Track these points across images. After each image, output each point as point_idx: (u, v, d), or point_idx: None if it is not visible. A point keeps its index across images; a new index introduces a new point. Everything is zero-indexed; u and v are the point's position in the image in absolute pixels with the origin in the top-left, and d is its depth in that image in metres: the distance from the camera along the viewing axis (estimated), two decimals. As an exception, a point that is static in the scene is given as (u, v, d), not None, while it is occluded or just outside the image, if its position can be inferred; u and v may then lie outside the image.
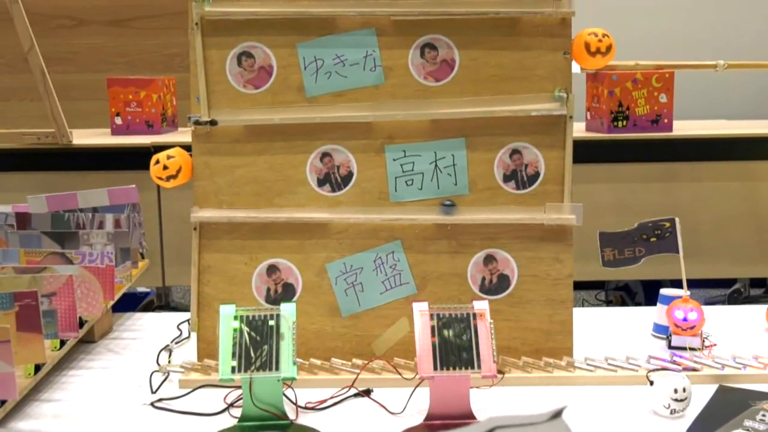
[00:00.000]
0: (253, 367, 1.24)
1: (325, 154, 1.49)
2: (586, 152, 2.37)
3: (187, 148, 1.52)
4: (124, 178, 2.52)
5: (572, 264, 1.50)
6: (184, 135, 2.71)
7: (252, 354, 1.25)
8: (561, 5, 1.46)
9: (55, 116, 2.44)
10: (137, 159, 2.52)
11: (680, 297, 1.60)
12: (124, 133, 2.73)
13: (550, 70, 1.48)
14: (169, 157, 1.49)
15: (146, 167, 2.49)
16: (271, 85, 1.48)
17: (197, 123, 1.48)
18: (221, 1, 1.47)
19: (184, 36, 1.47)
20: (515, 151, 1.49)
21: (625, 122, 2.54)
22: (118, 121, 2.73)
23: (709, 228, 2.56)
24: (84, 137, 2.67)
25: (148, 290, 3.17)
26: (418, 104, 1.48)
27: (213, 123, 1.47)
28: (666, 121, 2.56)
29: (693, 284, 2.79)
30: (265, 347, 1.25)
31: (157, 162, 1.49)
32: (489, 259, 1.50)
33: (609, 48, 1.48)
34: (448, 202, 1.46)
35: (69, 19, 3.55)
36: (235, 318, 1.28)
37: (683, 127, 2.66)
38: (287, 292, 1.50)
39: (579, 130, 2.66)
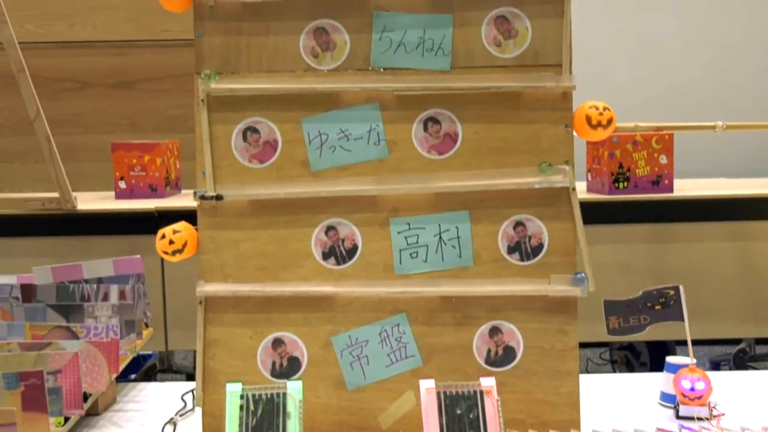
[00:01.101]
0: (259, 447, 1.23)
1: (330, 228, 1.50)
2: (587, 213, 2.38)
3: (190, 213, 1.52)
4: (128, 243, 2.53)
5: (577, 335, 1.50)
6: (187, 198, 2.72)
7: (258, 433, 1.24)
8: (562, 80, 1.48)
9: (59, 182, 2.46)
10: (141, 224, 2.54)
11: (687, 366, 1.60)
12: (128, 197, 2.75)
13: (552, 142, 1.50)
14: (174, 232, 1.50)
15: (150, 231, 2.49)
16: (276, 159, 1.50)
17: (203, 198, 1.49)
18: (227, 77, 1.49)
19: (187, 98, 1.50)
20: (519, 223, 1.50)
21: (626, 183, 2.55)
22: (122, 185, 2.75)
23: (713, 288, 2.57)
24: (88, 201, 2.68)
25: (151, 353, 3.16)
26: (422, 178, 1.49)
27: (219, 198, 1.49)
28: (666, 182, 2.58)
29: (698, 341, 2.77)
30: (272, 426, 1.25)
31: (163, 236, 1.50)
32: (494, 331, 1.50)
33: (610, 121, 1.50)
34: (580, 275, 1.47)
35: (73, 82, 3.59)
36: (242, 396, 1.28)
37: (684, 187, 2.67)
38: (293, 366, 1.50)
39: (580, 191, 2.66)
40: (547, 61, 1.49)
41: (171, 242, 1.49)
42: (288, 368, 1.50)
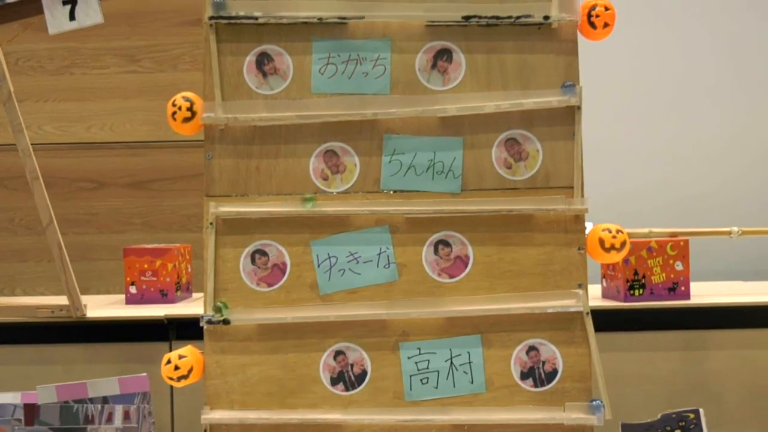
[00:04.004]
0: None
1: (338, 353, 1.47)
2: (603, 321, 2.33)
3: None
4: (137, 350, 2.50)
5: (595, 465, 1.45)
6: (198, 303, 2.70)
7: None
8: (573, 203, 1.47)
9: (70, 290, 2.44)
10: (151, 331, 2.51)
11: (709, 495, 1.54)
12: (139, 302, 2.72)
13: (564, 265, 1.47)
14: (180, 357, 1.47)
15: (160, 339, 2.46)
16: (284, 282, 1.48)
17: (210, 322, 1.47)
18: (236, 201, 1.49)
19: (200, 197, 1.50)
20: (532, 348, 1.47)
21: (641, 290, 2.51)
22: (133, 290, 2.72)
23: (736, 398, 2.49)
24: (98, 307, 2.66)
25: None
26: (433, 301, 1.47)
27: (226, 322, 1.47)
28: (683, 288, 2.54)
29: (722, 452, 2.64)
30: None
31: (169, 362, 1.48)
32: (508, 461, 1.45)
33: (623, 244, 1.48)
34: (596, 402, 1.45)
35: (89, 182, 3.62)
36: None
37: (700, 292, 2.62)
38: (299, 497, 1.45)
39: (595, 296, 2.63)
40: (558, 184, 1.48)
41: (176, 368, 1.47)
42: (294, 499, 1.45)
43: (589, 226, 1.62)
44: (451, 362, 1.46)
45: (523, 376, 1.47)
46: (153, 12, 3.60)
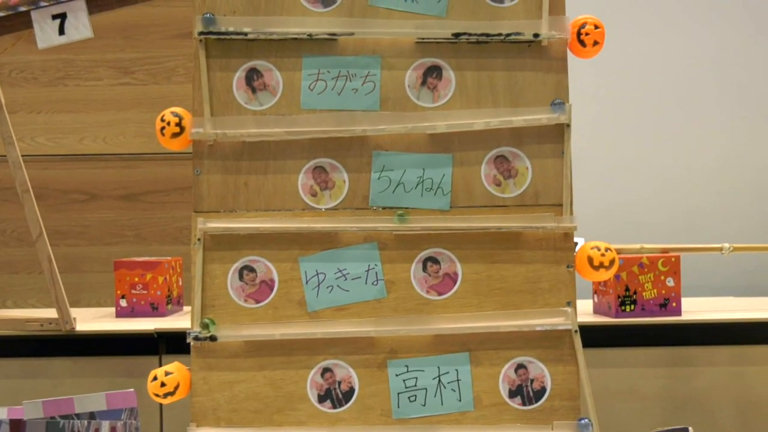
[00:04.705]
0: None
1: (326, 370, 1.47)
2: (594, 337, 2.33)
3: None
4: (127, 364, 2.48)
5: (583, 484, 1.44)
6: (188, 317, 2.69)
7: None
8: (563, 220, 1.46)
9: (59, 303, 2.43)
10: (141, 345, 2.50)
11: None
12: (129, 315, 2.71)
13: (553, 283, 1.47)
14: (167, 374, 1.46)
15: (150, 353, 2.44)
16: (272, 299, 1.48)
17: (197, 339, 1.46)
18: (224, 217, 1.48)
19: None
20: (520, 366, 1.47)
21: (632, 306, 2.51)
22: (123, 303, 2.71)
23: (727, 416, 2.48)
24: (87, 320, 2.65)
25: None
26: (421, 319, 1.46)
27: (212, 339, 1.46)
28: (674, 304, 2.53)
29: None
30: None
31: (155, 378, 1.47)
32: (496, 480, 1.44)
33: (612, 262, 1.48)
34: (584, 421, 1.44)
35: (81, 194, 3.62)
36: None
37: (692, 308, 2.62)
38: None
39: (587, 312, 2.63)
40: (547, 201, 1.48)
41: (163, 384, 1.46)
42: None
43: (580, 241, 1.62)
44: (439, 380, 1.46)
45: (512, 394, 1.46)
46: (147, 24, 3.60)
